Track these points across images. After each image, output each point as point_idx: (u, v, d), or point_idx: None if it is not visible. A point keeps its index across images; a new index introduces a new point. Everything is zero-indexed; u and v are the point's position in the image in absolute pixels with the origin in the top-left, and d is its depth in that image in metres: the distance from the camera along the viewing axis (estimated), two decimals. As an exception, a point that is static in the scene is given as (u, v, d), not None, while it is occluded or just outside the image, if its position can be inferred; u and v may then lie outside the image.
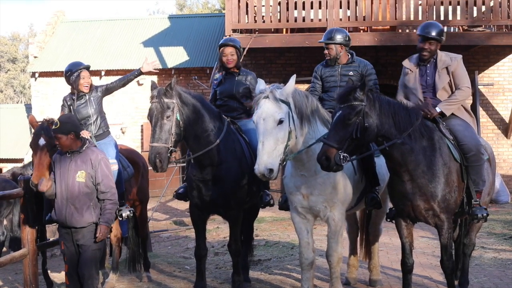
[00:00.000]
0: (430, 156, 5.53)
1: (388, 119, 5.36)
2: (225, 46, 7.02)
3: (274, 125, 5.32)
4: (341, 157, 5.10)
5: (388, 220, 6.11)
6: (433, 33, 6.05)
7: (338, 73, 6.68)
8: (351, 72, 6.63)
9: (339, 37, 6.63)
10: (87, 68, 7.32)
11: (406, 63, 6.31)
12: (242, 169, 6.43)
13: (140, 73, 7.56)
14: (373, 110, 5.29)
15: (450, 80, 6.04)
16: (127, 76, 7.60)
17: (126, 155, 7.75)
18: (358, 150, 5.43)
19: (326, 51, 6.71)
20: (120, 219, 7.22)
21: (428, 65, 6.12)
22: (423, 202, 5.56)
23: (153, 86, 6.07)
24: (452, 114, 6.01)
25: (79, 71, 7.18)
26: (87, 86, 7.21)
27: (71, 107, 7.22)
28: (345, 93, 5.31)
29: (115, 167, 7.11)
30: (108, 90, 7.51)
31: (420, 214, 5.63)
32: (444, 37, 6.12)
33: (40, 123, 6.57)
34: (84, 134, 6.92)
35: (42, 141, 6.32)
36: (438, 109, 5.91)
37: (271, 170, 5.22)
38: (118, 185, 6.99)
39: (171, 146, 5.86)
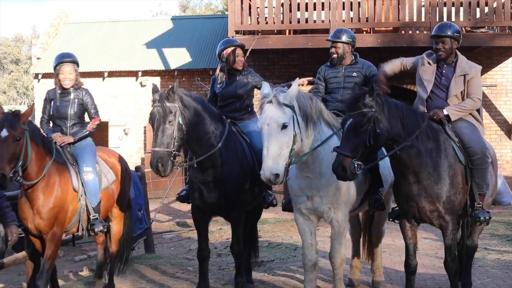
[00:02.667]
0: (436, 157, 5.54)
1: (397, 122, 5.35)
2: (237, 46, 7.01)
3: (278, 129, 5.32)
4: (356, 165, 5.10)
5: (391, 219, 6.11)
6: (447, 32, 6.06)
7: (342, 74, 6.70)
8: (354, 73, 6.65)
9: (346, 37, 6.69)
10: (73, 62, 6.75)
11: (426, 54, 6.28)
12: (243, 170, 6.43)
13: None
14: (383, 115, 5.27)
15: (464, 89, 6.03)
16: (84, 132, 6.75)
17: (106, 159, 7.06)
18: (370, 156, 5.42)
19: (333, 50, 6.75)
20: (93, 234, 6.64)
21: (446, 65, 6.12)
22: (428, 203, 5.56)
23: (155, 90, 6.02)
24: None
25: (60, 64, 6.67)
26: (68, 83, 6.67)
27: (52, 102, 6.73)
28: (354, 100, 5.27)
29: (89, 176, 6.50)
30: (87, 109, 6.81)
31: (425, 215, 5.63)
32: (458, 34, 6.08)
33: (4, 114, 5.96)
34: (56, 137, 6.48)
35: (4, 133, 5.65)
36: (445, 112, 5.92)
37: (276, 175, 5.21)
38: (93, 196, 6.50)
39: (174, 150, 5.83)
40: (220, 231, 12.30)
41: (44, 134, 6.36)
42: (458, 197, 5.64)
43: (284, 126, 5.33)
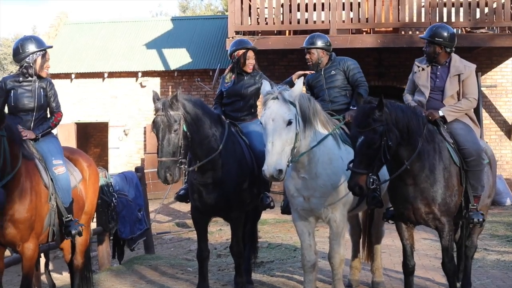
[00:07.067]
0: (432, 160, 5.52)
1: (403, 127, 5.29)
2: (248, 49, 7.04)
3: (284, 126, 5.33)
4: (371, 180, 5.08)
5: (385, 220, 6.11)
6: (428, 36, 6.05)
7: (323, 77, 6.75)
8: (332, 72, 6.72)
9: (320, 42, 6.75)
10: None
11: (417, 61, 6.28)
12: (242, 171, 6.44)
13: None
14: (392, 125, 5.18)
15: (459, 89, 6.01)
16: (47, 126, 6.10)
17: (68, 156, 6.33)
18: (381, 167, 5.36)
19: (307, 56, 6.81)
20: (68, 238, 5.97)
21: (440, 66, 6.09)
22: (423, 205, 5.54)
23: (156, 97, 5.94)
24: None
25: (43, 50, 6.00)
26: (47, 71, 6.08)
27: (12, 91, 5.92)
28: (363, 116, 5.14)
29: (60, 169, 5.82)
30: (49, 102, 6.15)
31: (421, 217, 5.62)
32: (442, 39, 6.02)
33: None
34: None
35: None
36: (440, 113, 5.90)
37: (280, 171, 5.22)
38: (65, 194, 5.86)
39: (180, 158, 5.81)
40: (220, 231, 12.31)
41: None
42: (454, 199, 5.63)
43: (289, 123, 5.35)
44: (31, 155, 5.65)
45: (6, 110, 6.02)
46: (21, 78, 5.95)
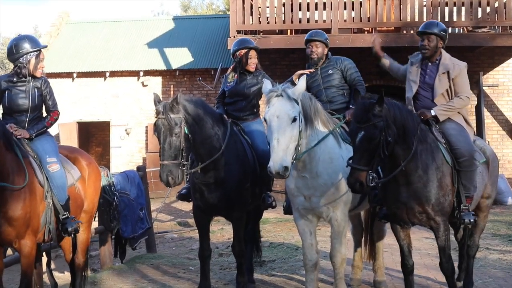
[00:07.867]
0: (425, 159, 5.49)
1: (400, 126, 5.29)
2: (250, 48, 7.01)
3: (288, 122, 5.34)
4: (371, 177, 5.06)
5: (379, 219, 6.10)
6: (433, 29, 6.05)
7: (319, 77, 6.74)
8: (330, 71, 6.72)
9: (323, 37, 6.74)
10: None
11: (412, 56, 6.29)
12: (244, 171, 6.44)
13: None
14: (391, 121, 5.18)
15: (450, 87, 5.99)
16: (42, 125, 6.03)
17: (66, 154, 6.31)
18: (380, 163, 5.37)
19: (313, 49, 6.79)
20: (65, 235, 5.94)
21: (430, 64, 6.09)
22: (417, 205, 5.52)
23: (157, 100, 5.94)
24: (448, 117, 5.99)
25: (38, 51, 5.90)
26: (42, 71, 5.99)
27: (7, 92, 5.85)
28: (363, 111, 5.12)
29: (54, 167, 5.79)
30: (45, 102, 6.09)
31: (414, 216, 5.60)
32: (445, 33, 6.06)
33: None
34: (11, 128, 5.71)
35: None
36: (432, 112, 5.88)
37: (286, 168, 5.22)
38: (61, 191, 5.83)
39: (182, 161, 5.82)
40: (222, 230, 12.32)
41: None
42: (447, 198, 5.60)
43: (293, 119, 5.35)
44: (25, 153, 5.62)
45: (1, 110, 6.03)
46: (15, 79, 5.90)
